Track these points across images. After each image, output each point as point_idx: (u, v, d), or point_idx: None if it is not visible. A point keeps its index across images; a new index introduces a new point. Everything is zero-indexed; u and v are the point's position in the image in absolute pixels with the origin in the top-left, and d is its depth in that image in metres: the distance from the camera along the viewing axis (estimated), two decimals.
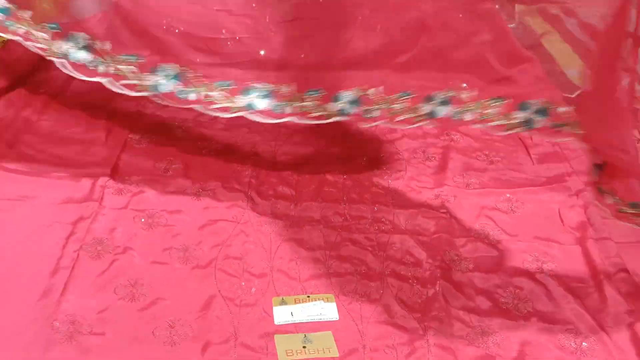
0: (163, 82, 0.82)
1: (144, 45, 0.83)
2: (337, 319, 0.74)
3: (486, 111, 0.87)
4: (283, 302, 0.76)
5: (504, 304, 0.77)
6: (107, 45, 0.82)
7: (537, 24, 1.52)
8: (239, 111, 0.84)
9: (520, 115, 0.87)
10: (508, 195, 0.95)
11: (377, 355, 0.70)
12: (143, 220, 0.85)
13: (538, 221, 0.91)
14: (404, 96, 0.84)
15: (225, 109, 0.84)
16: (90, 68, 0.83)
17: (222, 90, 0.84)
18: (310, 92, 0.83)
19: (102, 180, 0.89)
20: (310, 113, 0.84)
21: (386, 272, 0.81)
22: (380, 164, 1.01)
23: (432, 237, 0.86)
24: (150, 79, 0.82)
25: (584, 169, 1.00)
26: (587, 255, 0.84)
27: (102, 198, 0.87)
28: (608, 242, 0.85)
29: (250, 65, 0.84)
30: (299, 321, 0.74)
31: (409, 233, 0.87)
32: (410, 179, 0.97)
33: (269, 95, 0.84)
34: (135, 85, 0.83)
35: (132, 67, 0.82)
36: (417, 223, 0.89)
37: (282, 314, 0.75)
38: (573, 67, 1.37)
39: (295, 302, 0.76)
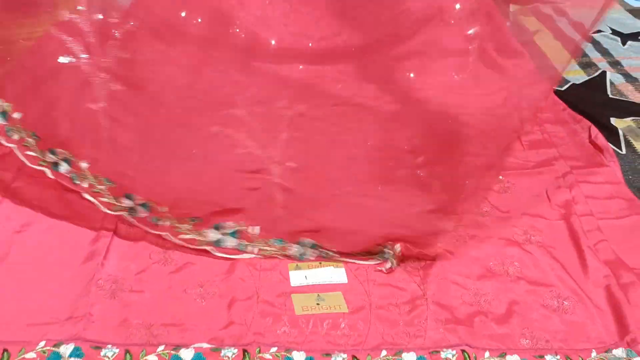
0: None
1: None
2: (346, 282, 0.84)
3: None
4: (298, 268, 0.86)
5: (495, 270, 0.86)
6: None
7: (531, 22, 1.63)
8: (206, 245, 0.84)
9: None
10: (500, 177, 1.04)
11: (381, 312, 0.79)
12: None
13: (527, 200, 0.99)
14: None
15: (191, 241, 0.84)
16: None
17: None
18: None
19: None
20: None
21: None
22: None
23: None
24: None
25: (569, 154, 1.10)
26: (570, 228, 0.93)
27: None
28: (590, 217, 0.94)
29: None
30: (312, 283, 0.83)
31: None
32: None
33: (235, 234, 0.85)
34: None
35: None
36: None
37: (297, 278, 0.84)
38: (564, 62, 1.47)
39: (309, 268, 0.86)
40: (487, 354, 0.73)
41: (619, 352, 0.74)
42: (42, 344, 0.69)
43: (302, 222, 0.86)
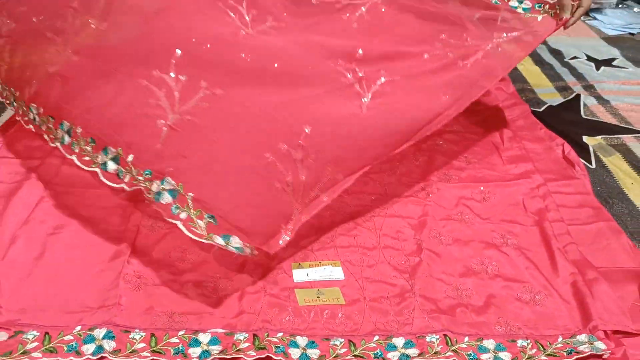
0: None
1: None
2: (343, 278, 0.94)
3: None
4: (300, 267, 0.96)
5: (475, 269, 0.97)
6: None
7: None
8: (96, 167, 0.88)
9: None
10: (482, 188, 1.16)
11: (374, 304, 0.89)
12: None
13: (505, 208, 1.11)
14: None
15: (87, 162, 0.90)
16: None
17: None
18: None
19: None
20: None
21: (382, 245, 1.01)
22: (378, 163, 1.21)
23: (419, 220, 1.07)
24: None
25: (545, 168, 1.21)
26: (543, 233, 1.04)
27: None
28: (560, 223, 1.06)
29: None
30: (312, 280, 0.94)
31: (401, 217, 1.08)
32: (401, 175, 1.18)
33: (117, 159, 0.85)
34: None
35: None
36: (407, 209, 1.10)
37: (300, 275, 0.94)
38: (542, 86, 1.61)
39: (310, 266, 0.96)
40: (466, 338, 0.84)
41: (582, 337, 0.84)
42: (78, 328, 0.80)
43: (172, 162, 0.83)
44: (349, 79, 0.97)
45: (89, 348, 0.77)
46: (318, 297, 0.91)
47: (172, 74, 0.85)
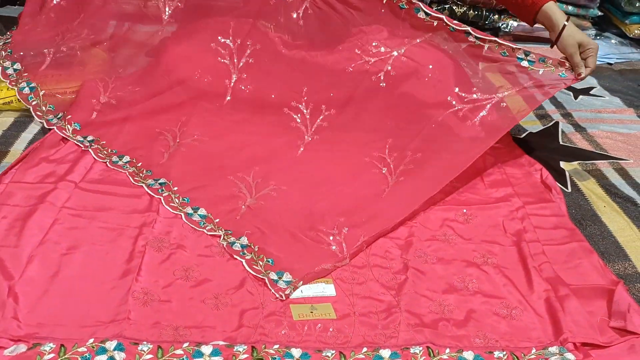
0: None
1: None
2: (335, 295, 1.02)
3: None
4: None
5: (457, 286, 1.05)
6: None
7: (495, 78, 1.88)
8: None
9: None
10: (465, 210, 1.24)
11: (363, 318, 0.96)
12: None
13: (486, 229, 1.19)
14: None
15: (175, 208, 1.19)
16: None
17: None
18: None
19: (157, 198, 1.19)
20: None
21: (371, 264, 1.09)
22: None
23: (406, 240, 1.15)
24: None
25: (523, 192, 1.30)
26: (520, 252, 1.12)
27: (158, 209, 1.16)
28: (536, 243, 1.14)
29: None
30: (306, 296, 1.01)
31: (389, 238, 1.16)
32: None
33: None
34: None
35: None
36: (395, 230, 1.18)
37: (295, 291, 1.02)
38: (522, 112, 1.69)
39: (304, 284, 1.04)
40: (447, 350, 0.91)
41: (553, 349, 0.92)
42: (91, 340, 0.87)
43: (247, 228, 1.13)
44: (381, 171, 1.29)
45: (101, 359, 0.84)
46: (311, 312, 0.98)
47: (250, 178, 1.25)
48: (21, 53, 1.53)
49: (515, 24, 2.10)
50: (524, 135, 1.55)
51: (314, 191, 1.23)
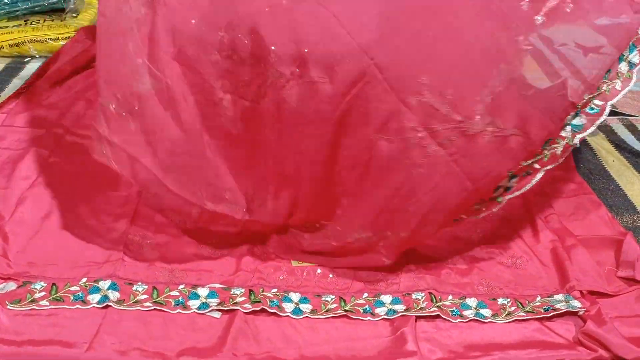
0: None
1: None
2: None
3: None
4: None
5: (462, 236, 1.02)
6: None
7: None
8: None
9: None
10: None
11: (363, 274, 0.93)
12: None
13: None
14: None
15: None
16: None
17: None
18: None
19: None
20: None
21: None
22: None
23: None
24: None
25: None
26: (527, 206, 1.09)
27: None
28: (543, 197, 1.11)
29: None
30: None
31: None
32: None
33: None
34: None
35: None
36: None
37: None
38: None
39: None
40: (450, 297, 0.89)
41: (559, 296, 0.89)
42: (84, 280, 0.84)
43: None
44: None
45: (94, 298, 0.81)
46: (311, 262, 0.95)
47: None
48: None
49: None
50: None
51: None
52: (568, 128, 0.90)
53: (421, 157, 0.79)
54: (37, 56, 1.45)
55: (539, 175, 0.88)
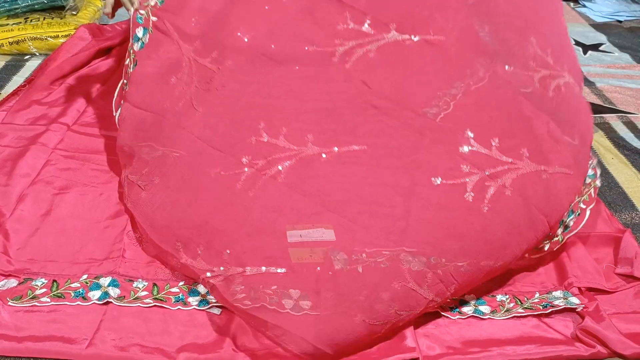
0: None
1: None
2: (334, 240, 0.99)
3: None
4: (294, 228, 1.01)
5: None
6: None
7: None
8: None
9: None
10: None
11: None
12: None
13: None
14: None
15: None
16: None
17: None
18: None
19: None
20: None
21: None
22: None
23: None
24: None
25: None
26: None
27: None
28: None
29: None
30: (305, 240, 0.98)
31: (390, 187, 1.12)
32: None
33: None
34: None
35: None
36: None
37: (294, 236, 0.99)
38: None
39: (302, 229, 1.01)
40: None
41: (557, 293, 0.90)
42: (85, 276, 0.85)
43: None
44: None
45: (95, 294, 0.82)
46: (310, 255, 0.95)
47: None
48: None
49: None
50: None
51: None
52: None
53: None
54: (37, 54, 1.45)
55: (587, 213, 0.95)
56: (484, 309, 0.87)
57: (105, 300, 0.81)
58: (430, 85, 0.89)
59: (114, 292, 0.82)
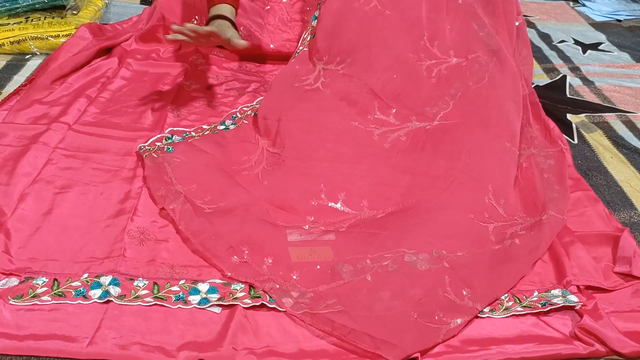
0: None
1: None
2: (334, 239, 1.00)
3: None
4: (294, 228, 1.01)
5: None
6: None
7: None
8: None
9: None
10: None
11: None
12: None
13: None
14: None
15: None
16: None
17: None
18: None
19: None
20: None
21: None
22: None
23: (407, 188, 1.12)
24: None
25: None
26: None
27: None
28: None
29: None
30: (305, 239, 0.99)
31: (390, 185, 1.13)
32: None
33: None
34: None
35: None
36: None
37: (294, 236, 1.00)
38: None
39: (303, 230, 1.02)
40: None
41: (556, 291, 0.90)
42: (85, 275, 0.85)
43: None
44: None
45: (95, 293, 0.82)
46: (310, 254, 0.96)
47: None
48: None
49: None
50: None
51: None
52: None
53: None
54: (38, 53, 1.46)
55: None
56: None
57: (106, 299, 0.82)
58: None
59: (114, 290, 0.83)
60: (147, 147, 1.11)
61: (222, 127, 1.21)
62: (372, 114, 1.15)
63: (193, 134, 1.18)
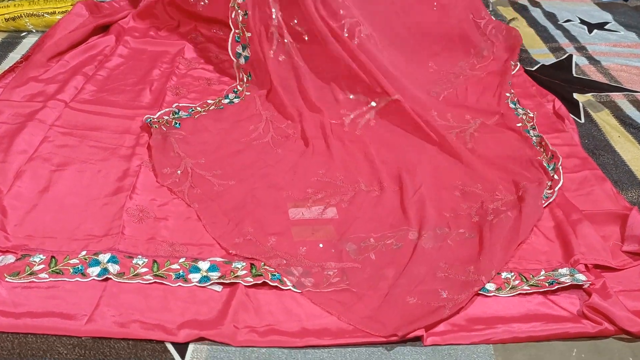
0: None
1: None
2: (337, 217, 0.98)
3: None
4: (296, 205, 1.00)
5: (462, 215, 1.01)
6: None
7: (507, 11, 1.78)
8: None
9: None
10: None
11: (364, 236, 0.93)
12: None
13: None
14: None
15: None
16: None
17: None
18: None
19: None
20: None
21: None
22: None
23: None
24: None
25: (536, 122, 1.25)
26: None
27: (150, 132, 1.10)
28: None
29: None
30: (308, 218, 0.97)
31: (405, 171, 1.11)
32: None
33: None
34: None
35: None
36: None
37: (296, 213, 0.98)
38: (535, 47, 1.63)
39: (305, 206, 1.00)
40: None
41: (563, 270, 0.88)
42: (84, 253, 0.83)
43: None
44: None
45: (94, 270, 0.81)
46: (312, 233, 0.94)
47: None
48: None
49: None
50: (536, 67, 1.48)
51: None
52: None
53: None
54: (34, 30, 1.43)
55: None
56: (489, 286, 0.86)
57: (105, 277, 0.80)
58: None
59: (113, 268, 0.81)
60: (155, 119, 1.09)
61: (227, 100, 1.22)
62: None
63: (199, 109, 1.17)
